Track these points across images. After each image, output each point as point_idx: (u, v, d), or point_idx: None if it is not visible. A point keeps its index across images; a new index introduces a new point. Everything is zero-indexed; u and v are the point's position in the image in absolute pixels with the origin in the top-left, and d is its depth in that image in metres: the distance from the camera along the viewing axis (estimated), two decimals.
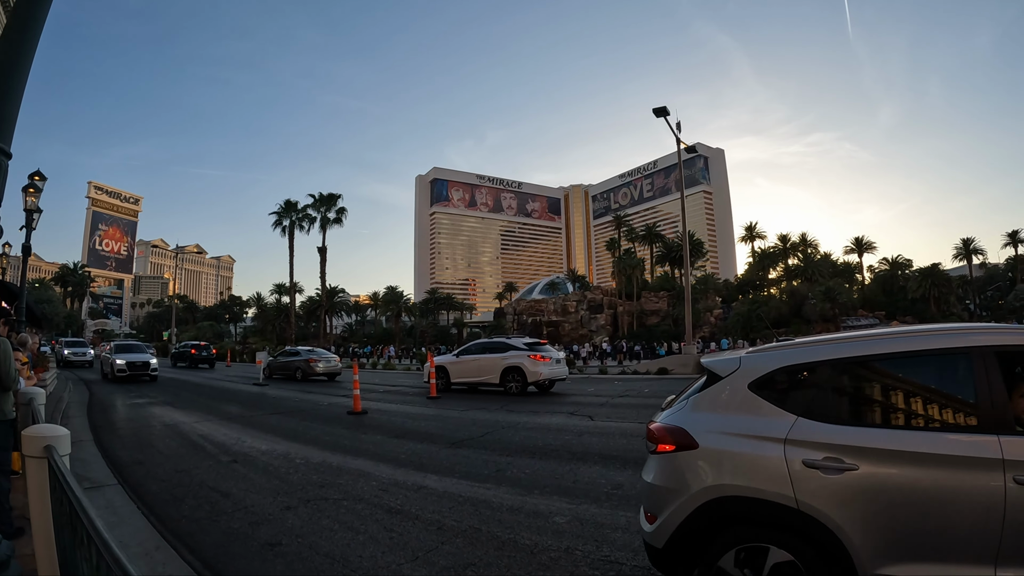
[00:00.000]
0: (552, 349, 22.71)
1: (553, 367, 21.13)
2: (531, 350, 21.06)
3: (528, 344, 21.69)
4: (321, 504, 6.97)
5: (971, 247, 80.00)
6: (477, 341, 25.38)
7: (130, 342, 38.70)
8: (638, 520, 5.53)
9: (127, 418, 15.39)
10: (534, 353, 20.83)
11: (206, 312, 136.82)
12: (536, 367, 20.40)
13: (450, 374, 22.38)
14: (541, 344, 22.32)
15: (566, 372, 23.10)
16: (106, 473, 8.70)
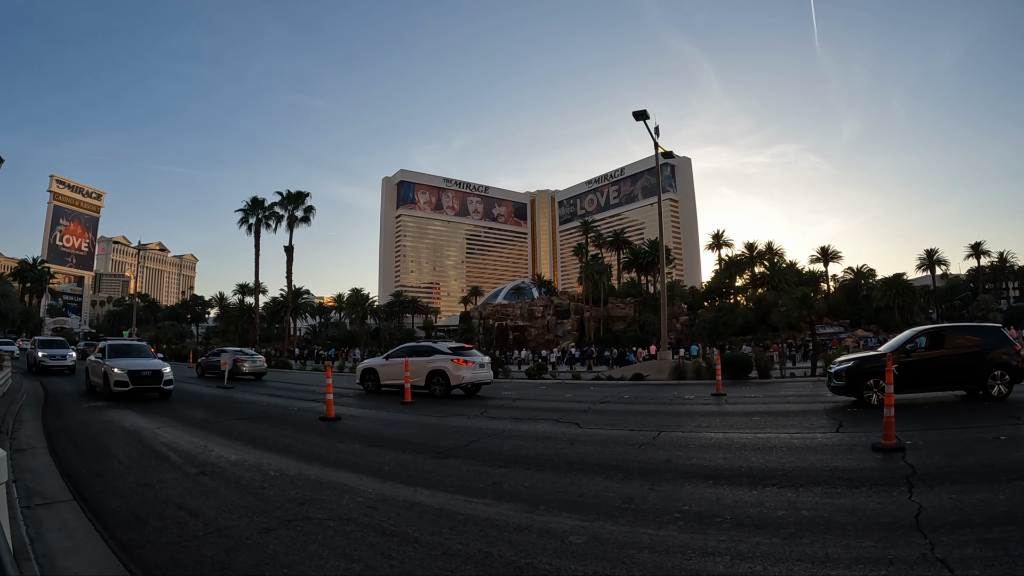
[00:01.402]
0: (477, 354, 23.08)
1: (476, 371, 21.59)
2: (455, 354, 21.66)
3: (452, 349, 22.41)
4: (304, 525, 6.18)
5: (934, 258, 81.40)
6: (405, 345, 25.70)
7: (130, 341, 29.65)
8: (660, 537, 5.73)
9: (84, 423, 14.35)
10: (457, 357, 21.40)
11: (168, 311, 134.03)
12: (459, 371, 20.94)
13: (379, 376, 22.96)
14: (466, 349, 23.00)
15: (490, 376, 23.27)
16: (60, 486, 7.80)
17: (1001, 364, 14.97)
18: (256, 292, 71.61)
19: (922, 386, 15.47)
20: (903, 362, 15.15)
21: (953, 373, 15.28)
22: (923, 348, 15.60)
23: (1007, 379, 14.89)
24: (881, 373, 14.48)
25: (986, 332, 16.09)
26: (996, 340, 15.52)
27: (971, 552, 5.08)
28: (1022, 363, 15.25)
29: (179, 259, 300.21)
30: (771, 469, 8.38)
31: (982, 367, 15.05)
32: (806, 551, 5.24)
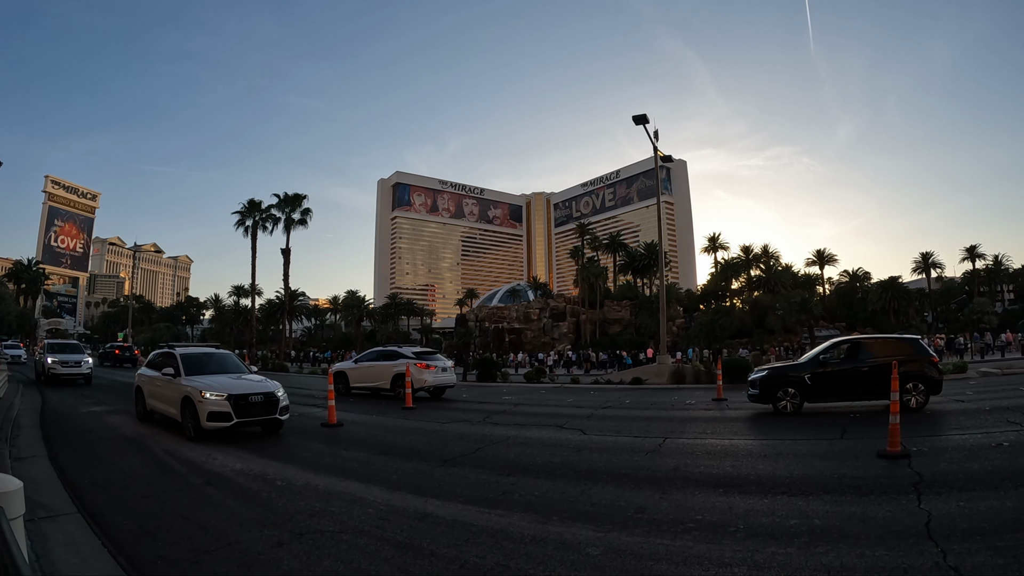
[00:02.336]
0: (441, 358, 23.65)
1: (439, 375, 22.20)
2: (418, 359, 22.17)
3: (417, 353, 22.86)
4: (317, 538, 6.12)
5: (929, 261, 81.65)
6: (373, 349, 26.28)
7: (210, 349, 16.45)
8: (677, 548, 5.70)
9: (84, 429, 14.27)
10: (420, 362, 21.91)
11: (163, 313, 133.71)
12: (422, 374, 21.43)
13: (349, 379, 23.63)
14: (431, 353, 23.53)
15: (453, 380, 23.88)
16: (63, 499, 7.71)
17: (917, 376, 15.02)
18: (252, 294, 71.37)
19: (838, 396, 15.72)
20: (818, 372, 15.62)
21: (868, 383, 15.30)
22: (840, 359, 15.91)
23: (922, 390, 14.95)
24: (792, 382, 15.48)
25: (902, 343, 16.31)
26: (915, 352, 15.64)
27: (983, 560, 5.10)
28: (939, 375, 15.43)
29: (174, 260, 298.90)
30: (780, 476, 8.38)
31: (900, 378, 15.05)
32: (822, 561, 5.25)
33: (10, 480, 2.91)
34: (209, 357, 15.00)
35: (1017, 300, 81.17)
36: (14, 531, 2.54)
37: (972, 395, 17.64)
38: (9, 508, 2.69)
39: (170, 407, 13.66)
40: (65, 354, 28.31)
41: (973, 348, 50.08)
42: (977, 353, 48.69)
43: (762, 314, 69.21)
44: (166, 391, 14.04)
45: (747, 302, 78.32)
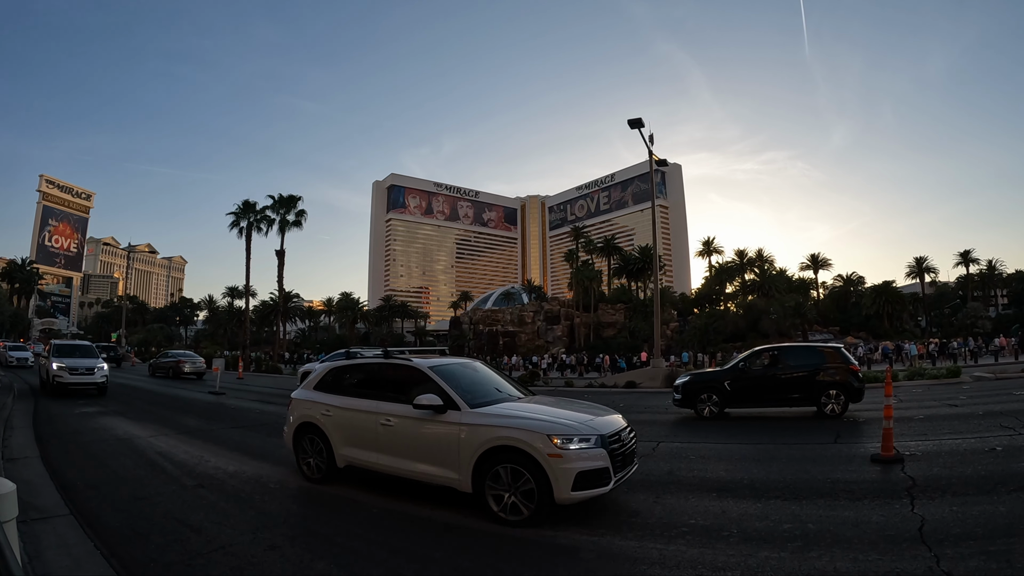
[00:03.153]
0: None
1: None
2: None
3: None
4: (310, 541, 6.12)
5: (923, 265, 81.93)
6: (340, 351, 27.79)
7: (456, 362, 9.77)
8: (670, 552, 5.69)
9: (77, 430, 14.16)
10: None
11: (156, 314, 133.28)
12: None
13: None
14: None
15: None
16: (56, 500, 7.64)
17: (836, 384, 15.41)
18: (247, 295, 71.19)
19: (758, 402, 16.31)
20: (738, 379, 16.26)
21: (787, 391, 15.85)
22: (762, 366, 16.39)
23: (841, 398, 15.31)
24: (713, 388, 16.05)
25: (825, 351, 16.65)
26: (836, 360, 15.99)
27: (976, 565, 5.12)
28: (859, 383, 15.72)
29: (168, 261, 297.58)
30: (773, 481, 8.40)
31: (817, 386, 15.55)
32: (815, 565, 5.27)
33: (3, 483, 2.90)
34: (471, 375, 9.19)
35: (1011, 305, 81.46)
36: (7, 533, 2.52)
37: (965, 399, 17.69)
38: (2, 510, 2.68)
39: None
40: (74, 358, 23.27)
41: (966, 352, 50.23)
42: (970, 357, 48.84)
43: (756, 318, 69.31)
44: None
45: (741, 306, 78.37)
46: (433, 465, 7.43)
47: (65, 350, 24.17)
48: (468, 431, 7.10)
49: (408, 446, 7.73)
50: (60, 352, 23.58)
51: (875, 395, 19.54)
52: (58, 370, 21.88)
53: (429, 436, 7.51)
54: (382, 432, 7.98)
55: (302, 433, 8.99)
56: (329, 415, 8.65)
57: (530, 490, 6.58)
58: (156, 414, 17.74)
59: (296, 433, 9.09)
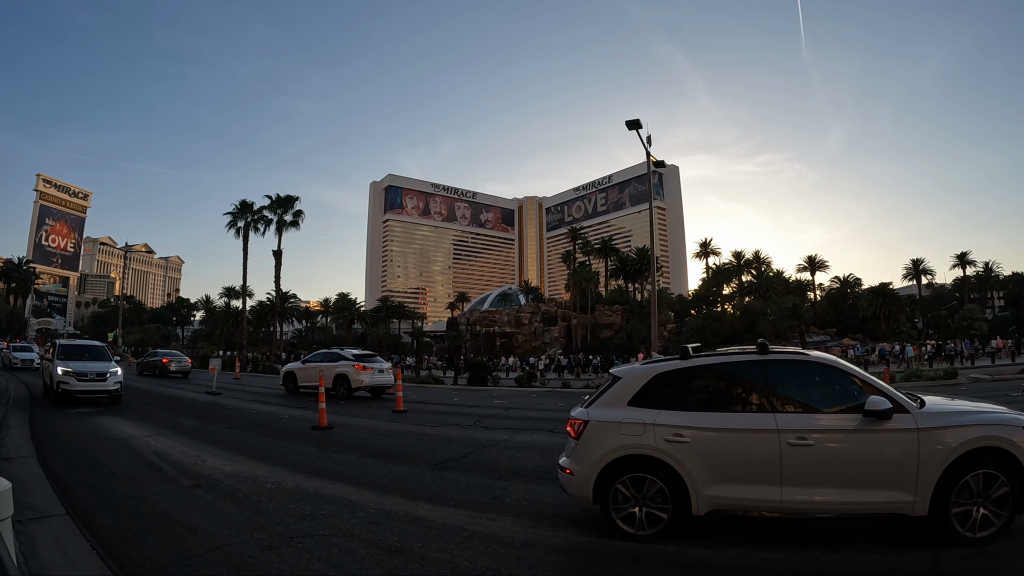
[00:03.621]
0: (380, 360, 25.27)
1: (375, 376, 23.67)
2: (356, 360, 23.95)
3: (355, 355, 24.60)
4: (307, 542, 6.07)
5: (920, 267, 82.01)
6: (319, 351, 28.32)
7: None
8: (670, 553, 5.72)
9: (73, 430, 14.11)
10: (359, 363, 23.65)
11: (153, 314, 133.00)
12: (359, 375, 23.24)
13: (297, 379, 25.31)
14: (370, 356, 25.26)
15: (391, 380, 24.21)
16: (52, 499, 7.61)
17: None
18: (243, 296, 71.06)
19: None
20: None
21: None
22: None
23: None
24: None
25: None
26: None
27: (973, 565, 5.18)
28: None
29: (165, 261, 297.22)
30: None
31: None
32: (813, 564, 5.31)
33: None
34: None
35: (1007, 307, 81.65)
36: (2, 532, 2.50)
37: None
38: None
39: None
40: (83, 362, 19.84)
41: (963, 354, 50.31)
42: (967, 359, 48.93)
43: (753, 320, 69.29)
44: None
45: (738, 308, 78.39)
46: (874, 489, 5.79)
47: (72, 352, 20.57)
48: (925, 437, 5.74)
49: (833, 470, 5.90)
50: (66, 354, 20.08)
51: None
52: (64, 375, 18.65)
53: (872, 452, 5.86)
54: (789, 456, 5.91)
55: (618, 472, 6.33)
56: (683, 441, 6.16)
57: (1004, 496, 5.60)
58: (152, 414, 17.70)
59: (605, 474, 6.36)
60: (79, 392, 18.81)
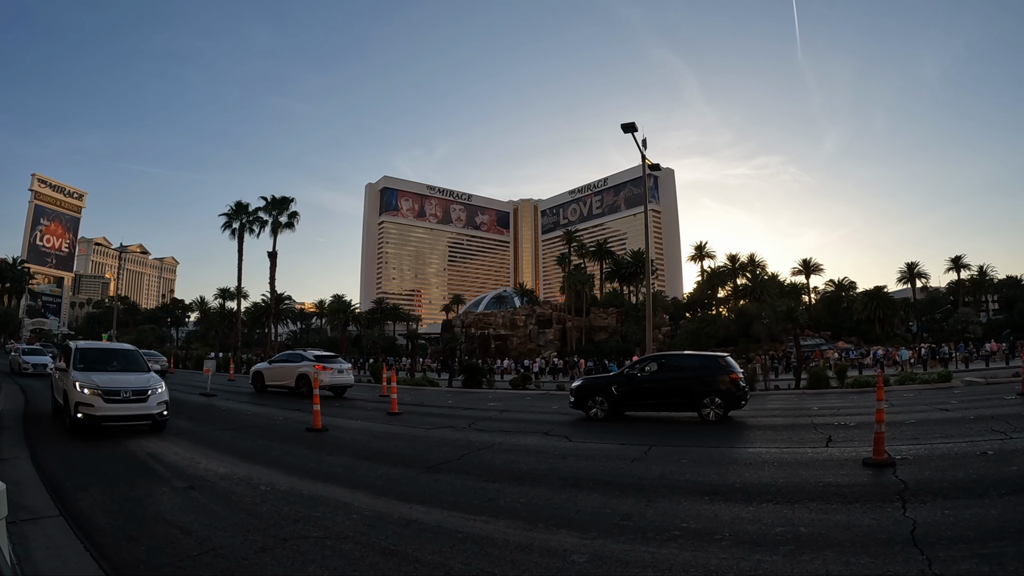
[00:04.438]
0: (340, 361, 26.75)
1: (335, 376, 24.96)
2: (317, 361, 25.14)
3: (316, 356, 25.78)
4: (301, 544, 6.07)
5: (915, 271, 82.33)
6: (284, 352, 30.02)
7: None
8: (663, 555, 5.70)
9: (66, 430, 14.06)
10: (319, 364, 24.75)
11: (147, 315, 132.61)
12: (319, 375, 23.03)
13: (264, 378, 26.37)
14: (331, 357, 26.72)
15: (351, 380, 26.55)
16: (45, 500, 7.60)
17: (717, 391, 16.14)
18: (238, 297, 70.86)
19: (643, 407, 17.33)
20: (625, 384, 17.34)
21: (670, 396, 16.83)
22: (648, 373, 17.46)
23: (720, 404, 15.99)
24: (602, 392, 17.14)
25: (706, 360, 17.48)
26: (715, 368, 16.71)
27: (968, 568, 5.13)
28: (737, 391, 16.36)
29: (160, 262, 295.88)
30: (765, 484, 8.40)
31: (698, 393, 16.32)
32: (807, 568, 5.26)
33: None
34: None
35: (1001, 310, 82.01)
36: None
37: (957, 404, 17.76)
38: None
39: None
40: (111, 373, 14.28)
41: (958, 357, 50.45)
42: (962, 362, 49.06)
43: (748, 323, 69.43)
44: None
45: (733, 310, 78.59)
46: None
47: (95, 359, 15.10)
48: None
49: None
50: (87, 362, 14.61)
51: (865, 400, 19.66)
52: (88, 395, 13.02)
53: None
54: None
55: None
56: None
57: None
58: None
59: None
60: (109, 418, 13.15)
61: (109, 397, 13.06)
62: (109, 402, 13.01)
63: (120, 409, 13.22)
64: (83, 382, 13.13)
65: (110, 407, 13.02)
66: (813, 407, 18.77)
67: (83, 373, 13.62)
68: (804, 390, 27.14)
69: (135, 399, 13.43)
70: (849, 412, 16.52)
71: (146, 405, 13.58)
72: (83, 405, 12.87)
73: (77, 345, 15.93)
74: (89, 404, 12.86)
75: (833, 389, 26.98)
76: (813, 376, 28.84)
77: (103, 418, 12.98)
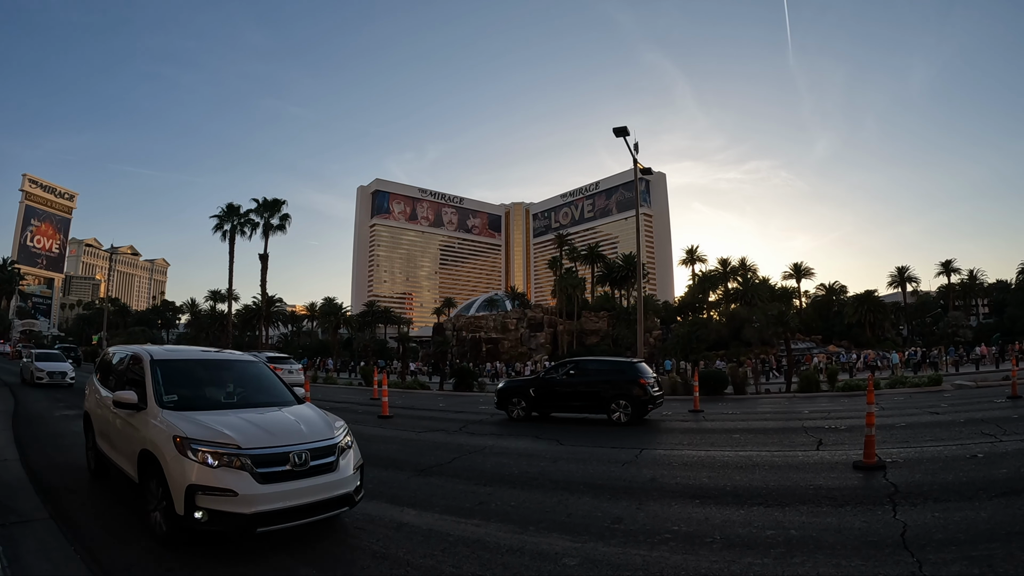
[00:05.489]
0: (291, 362, 29.32)
1: (285, 376, 27.32)
2: (270, 362, 27.07)
3: (268, 358, 27.40)
4: (293, 547, 6.03)
5: (905, 275, 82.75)
6: None
7: None
8: (654, 558, 5.71)
9: (57, 433, 13.96)
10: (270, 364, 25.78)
11: (138, 317, 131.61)
12: None
13: None
14: (282, 359, 29.21)
15: (301, 380, 27.63)
16: (35, 503, 7.52)
17: (624, 395, 16.75)
18: (229, 299, 70.76)
19: (557, 408, 18.04)
20: (542, 387, 18.14)
21: (582, 399, 17.53)
22: (564, 377, 18.18)
23: (628, 408, 16.59)
24: (521, 394, 18.45)
25: (618, 366, 18.27)
26: (627, 374, 17.37)
27: (958, 570, 5.16)
28: (645, 396, 16.82)
29: (151, 263, 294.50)
30: (756, 488, 8.42)
31: (608, 396, 16.95)
32: (798, 571, 5.28)
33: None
34: None
35: (991, 314, 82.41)
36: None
37: (947, 407, 17.85)
38: None
39: None
40: (238, 412, 6.89)
41: (948, 361, 50.67)
42: (952, 366, 49.28)
43: (739, 326, 69.57)
44: None
45: (724, 314, 78.74)
46: None
47: (192, 383, 7.70)
48: None
49: None
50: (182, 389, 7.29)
51: (855, 403, 19.72)
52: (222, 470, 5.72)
53: None
54: None
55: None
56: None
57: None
58: None
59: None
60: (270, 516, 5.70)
61: (265, 468, 5.89)
62: (266, 480, 5.83)
63: (290, 496, 5.90)
64: (201, 438, 5.94)
65: (269, 490, 5.78)
66: (804, 410, 18.83)
67: (183, 415, 6.47)
68: (795, 393, 27.19)
69: (314, 470, 6.22)
70: (840, 415, 16.60)
71: (334, 479, 6.36)
72: (211, 493, 5.62)
73: (154, 355, 7.79)
74: (227, 491, 5.62)
75: (824, 392, 27.05)
76: (804, 380, 28.91)
77: (257, 517, 5.67)
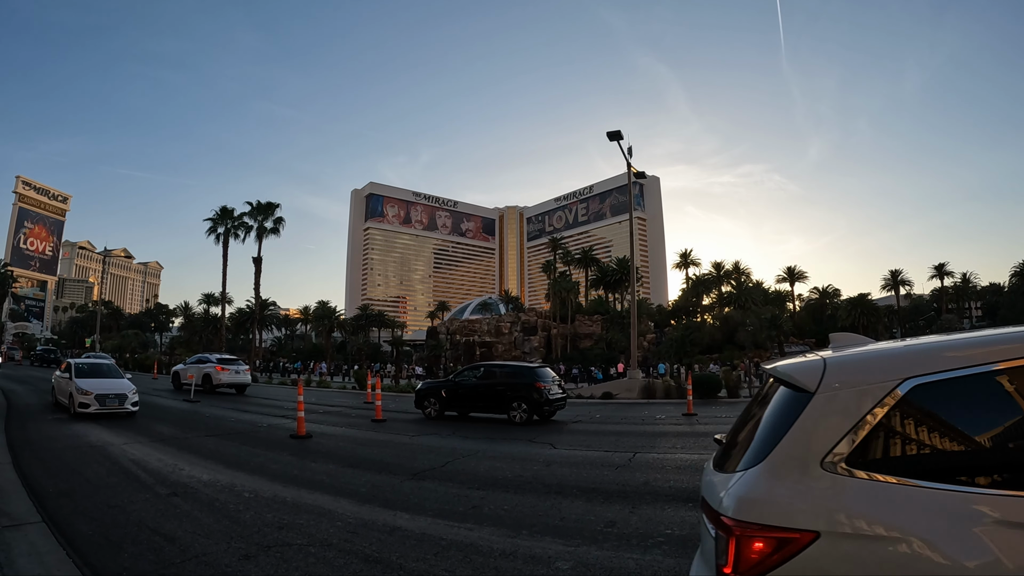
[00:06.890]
0: (239, 363, 31.71)
1: (232, 376, 30.00)
2: (218, 363, 30.23)
3: (218, 359, 31.14)
4: (285, 551, 6.05)
5: (899, 278, 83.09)
6: (195, 356, 35.67)
7: None
8: (647, 562, 5.69)
9: (50, 436, 13.97)
10: (219, 365, 29.84)
11: (131, 320, 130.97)
12: (219, 375, 29.33)
13: (180, 377, 30.86)
14: (230, 360, 31.71)
15: (248, 380, 31.38)
16: (28, 507, 7.54)
17: (522, 397, 18.19)
18: (223, 302, 70.41)
19: (464, 408, 19.55)
20: (452, 388, 19.72)
21: (486, 400, 19.02)
22: (472, 379, 19.79)
23: (525, 409, 18.04)
24: (434, 395, 19.82)
25: (519, 370, 19.84)
26: (523, 378, 18.83)
27: None
28: (540, 398, 18.10)
29: (144, 266, 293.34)
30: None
31: (508, 398, 18.42)
32: None
33: None
34: None
35: (984, 316, 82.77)
36: None
37: None
38: None
39: None
40: None
41: None
42: None
43: (733, 330, 69.80)
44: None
45: (718, 318, 78.99)
46: None
47: None
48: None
49: None
50: None
51: None
52: None
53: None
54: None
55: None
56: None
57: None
58: (130, 422, 17.41)
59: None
60: None
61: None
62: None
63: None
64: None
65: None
66: None
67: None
68: None
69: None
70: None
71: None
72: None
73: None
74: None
75: None
76: None
77: None
